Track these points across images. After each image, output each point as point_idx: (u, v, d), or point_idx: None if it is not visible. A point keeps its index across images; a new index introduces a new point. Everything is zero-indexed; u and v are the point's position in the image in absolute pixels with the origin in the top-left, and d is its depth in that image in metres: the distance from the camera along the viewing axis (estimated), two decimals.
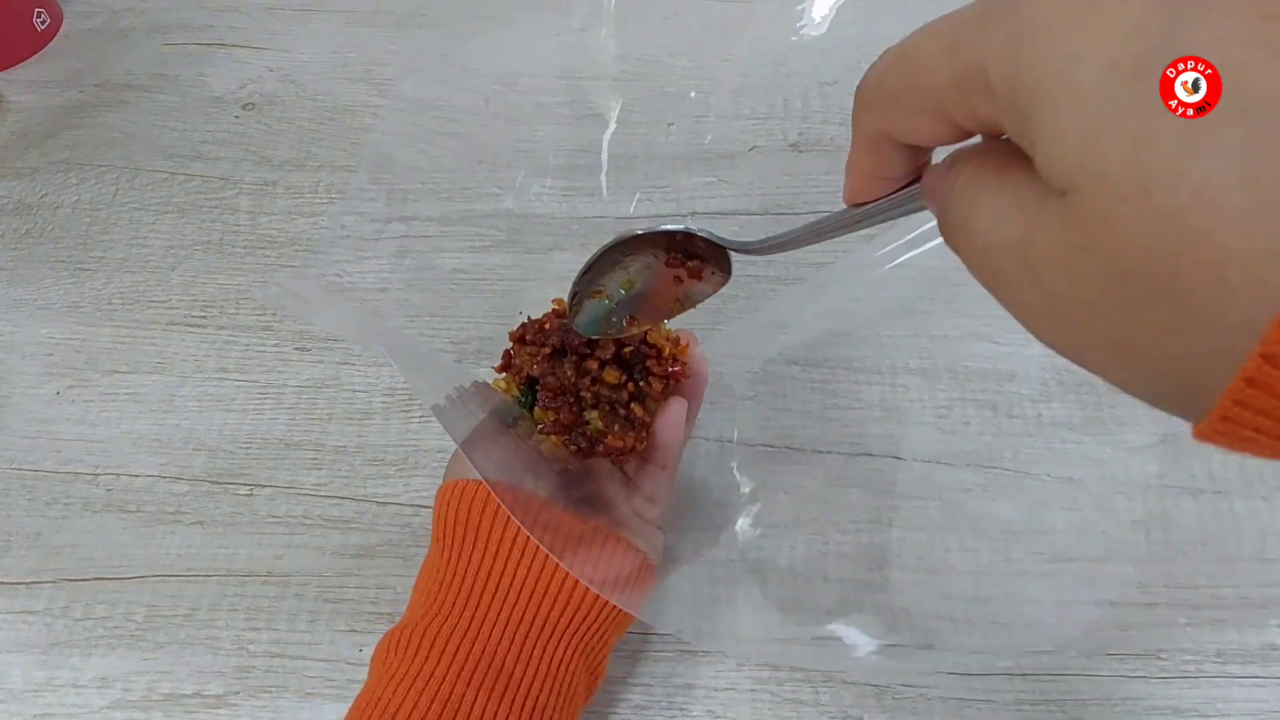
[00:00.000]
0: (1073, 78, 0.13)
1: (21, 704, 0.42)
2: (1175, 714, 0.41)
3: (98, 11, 0.74)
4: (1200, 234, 0.12)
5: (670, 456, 0.39)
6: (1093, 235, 0.13)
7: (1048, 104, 0.14)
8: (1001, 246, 0.15)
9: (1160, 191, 0.12)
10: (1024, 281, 0.15)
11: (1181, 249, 0.12)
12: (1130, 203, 0.12)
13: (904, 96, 0.18)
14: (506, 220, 0.58)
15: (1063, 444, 0.47)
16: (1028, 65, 0.14)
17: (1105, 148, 0.13)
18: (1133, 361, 0.14)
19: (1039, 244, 0.14)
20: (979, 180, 0.17)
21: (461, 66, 0.66)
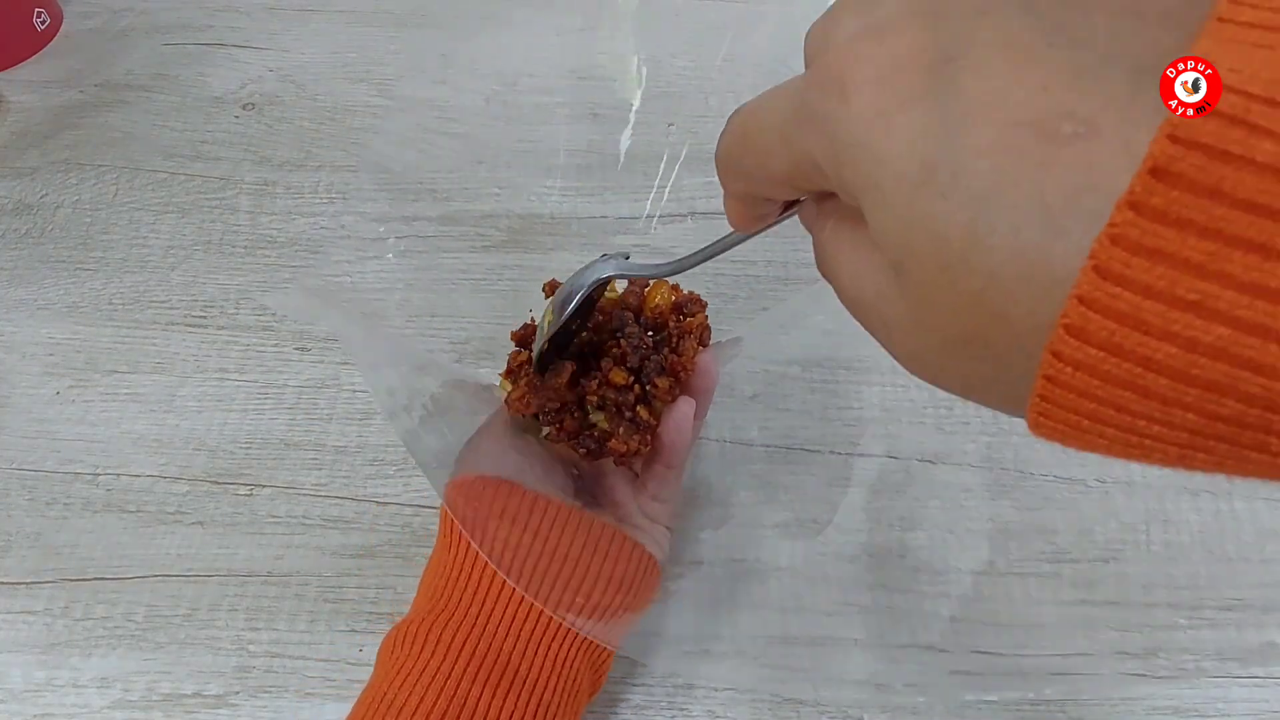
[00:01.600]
0: (878, 182, 0.15)
1: (21, 704, 0.42)
2: (1175, 714, 0.41)
3: (98, 11, 0.74)
4: (998, 312, 0.14)
5: (678, 456, 0.39)
6: (922, 312, 0.16)
7: (866, 200, 0.16)
8: (861, 301, 0.18)
9: (960, 280, 0.14)
10: (884, 336, 0.18)
11: (986, 324, 0.14)
12: (941, 288, 0.15)
13: (754, 172, 0.20)
14: (506, 220, 0.59)
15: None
16: (845, 168, 0.16)
17: (914, 244, 0.15)
18: (978, 395, 0.17)
19: (888, 310, 0.17)
20: (838, 235, 0.19)
21: (461, 66, 0.66)
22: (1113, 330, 0.12)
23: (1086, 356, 0.13)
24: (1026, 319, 0.13)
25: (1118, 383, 0.13)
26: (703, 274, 0.42)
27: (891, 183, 0.15)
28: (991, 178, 0.14)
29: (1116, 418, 0.13)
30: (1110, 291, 0.12)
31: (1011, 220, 0.13)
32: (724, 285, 0.54)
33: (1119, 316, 0.12)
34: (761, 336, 0.52)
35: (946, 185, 0.14)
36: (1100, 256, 0.12)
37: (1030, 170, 0.13)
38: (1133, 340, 0.12)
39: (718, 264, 0.57)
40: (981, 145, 0.14)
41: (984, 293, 0.14)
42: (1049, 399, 0.14)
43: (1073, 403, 0.14)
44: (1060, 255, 0.13)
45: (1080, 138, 0.13)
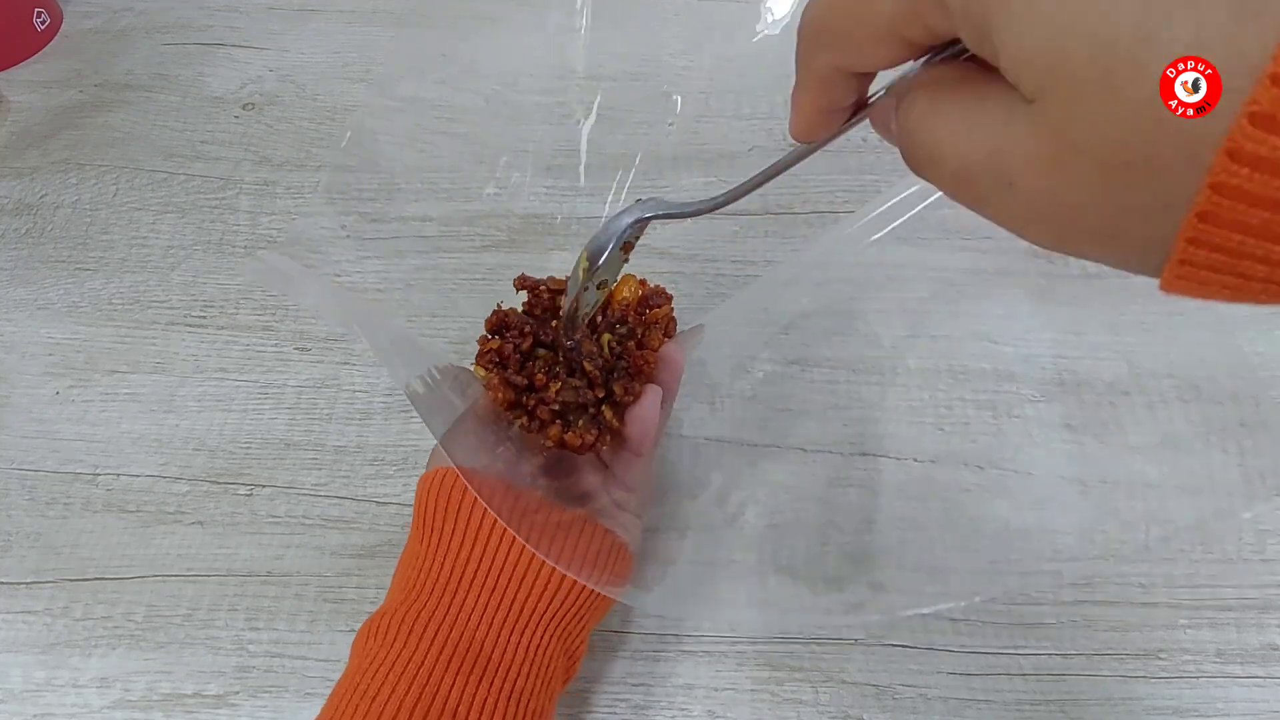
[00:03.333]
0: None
1: (21, 704, 0.42)
2: (1175, 714, 0.41)
3: (98, 11, 0.74)
4: (1169, 120, 0.12)
5: (646, 444, 0.39)
6: (1068, 137, 0.14)
7: (1005, 14, 0.14)
8: (973, 167, 0.16)
9: (1126, 87, 0.13)
10: (1004, 195, 0.16)
11: (1154, 138, 0.13)
12: (1100, 101, 0.13)
13: (853, 26, 0.17)
14: (506, 220, 0.58)
15: (1063, 444, 0.47)
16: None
17: (1069, 51, 0.13)
18: (1119, 243, 0.15)
19: (1014, 155, 0.15)
20: (935, 107, 0.17)
21: (461, 66, 0.66)
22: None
23: (1271, 150, 0.11)
24: (1204, 124, 0.12)
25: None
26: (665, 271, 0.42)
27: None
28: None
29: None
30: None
31: (1196, 11, 0.12)
32: (687, 284, 0.55)
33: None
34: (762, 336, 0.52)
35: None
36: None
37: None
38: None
39: (681, 262, 0.58)
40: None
41: (1156, 99, 0.12)
42: (1210, 217, 0.12)
43: (1241, 216, 0.12)
44: (1253, 41, 0.11)
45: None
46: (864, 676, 0.42)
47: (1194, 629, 0.43)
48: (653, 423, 0.38)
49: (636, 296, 0.41)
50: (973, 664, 0.42)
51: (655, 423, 0.39)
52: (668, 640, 0.43)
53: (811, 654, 0.43)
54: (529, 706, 0.34)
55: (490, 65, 0.66)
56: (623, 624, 0.44)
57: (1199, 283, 0.13)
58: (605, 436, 0.38)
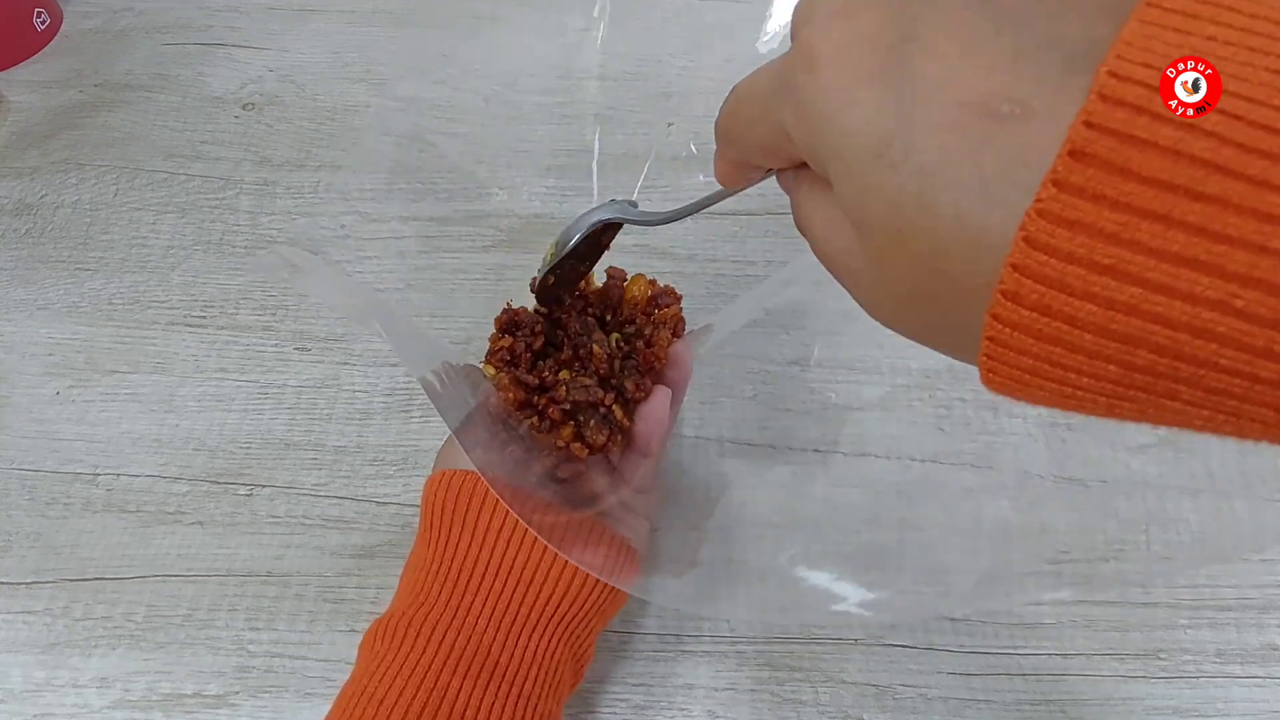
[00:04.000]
0: (840, 151, 0.17)
1: (21, 704, 0.42)
2: (1175, 714, 0.41)
3: (98, 11, 0.74)
4: (943, 273, 0.15)
5: (654, 445, 0.39)
6: (880, 266, 0.17)
7: (830, 168, 0.17)
8: (831, 256, 0.20)
9: (911, 243, 0.16)
10: (850, 284, 0.20)
11: (935, 282, 0.16)
12: (895, 249, 0.16)
13: (742, 140, 0.22)
14: (506, 220, 0.59)
15: (1063, 444, 0.47)
16: (811, 136, 0.18)
17: (871, 209, 0.16)
18: (936, 344, 0.18)
19: (852, 263, 0.19)
20: (812, 197, 0.20)
21: (461, 66, 0.67)
22: (1042, 293, 0.14)
23: (1021, 317, 0.14)
24: (969, 279, 0.15)
25: (1049, 339, 0.14)
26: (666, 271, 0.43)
27: (851, 153, 0.16)
28: (938, 153, 0.15)
29: (1050, 371, 0.15)
30: (1038, 259, 0.14)
31: (954, 192, 0.15)
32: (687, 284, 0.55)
33: (1046, 280, 0.14)
34: (762, 336, 0.52)
35: (899, 158, 0.16)
36: (1029, 228, 0.14)
37: (972, 147, 0.15)
38: (1059, 301, 0.14)
39: (681, 262, 0.58)
40: (930, 122, 0.15)
41: (931, 256, 0.15)
42: (993, 356, 0.15)
43: (1013, 359, 0.15)
44: (997, 224, 0.14)
45: (1016, 118, 0.14)
46: (864, 676, 0.42)
47: (1194, 629, 0.43)
48: (661, 422, 0.38)
49: (646, 296, 0.41)
50: (973, 664, 0.42)
51: (664, 422, 0.38)
52: (668, 640, 0.43)
53: (811, 654, 0.43)
54: (537, 710, 0.34)
55: (490, 65, 0.66)
56: (623, 624, 0.44)
57: (1004, 391, 0.16)
58: (616, 437, 0.37)
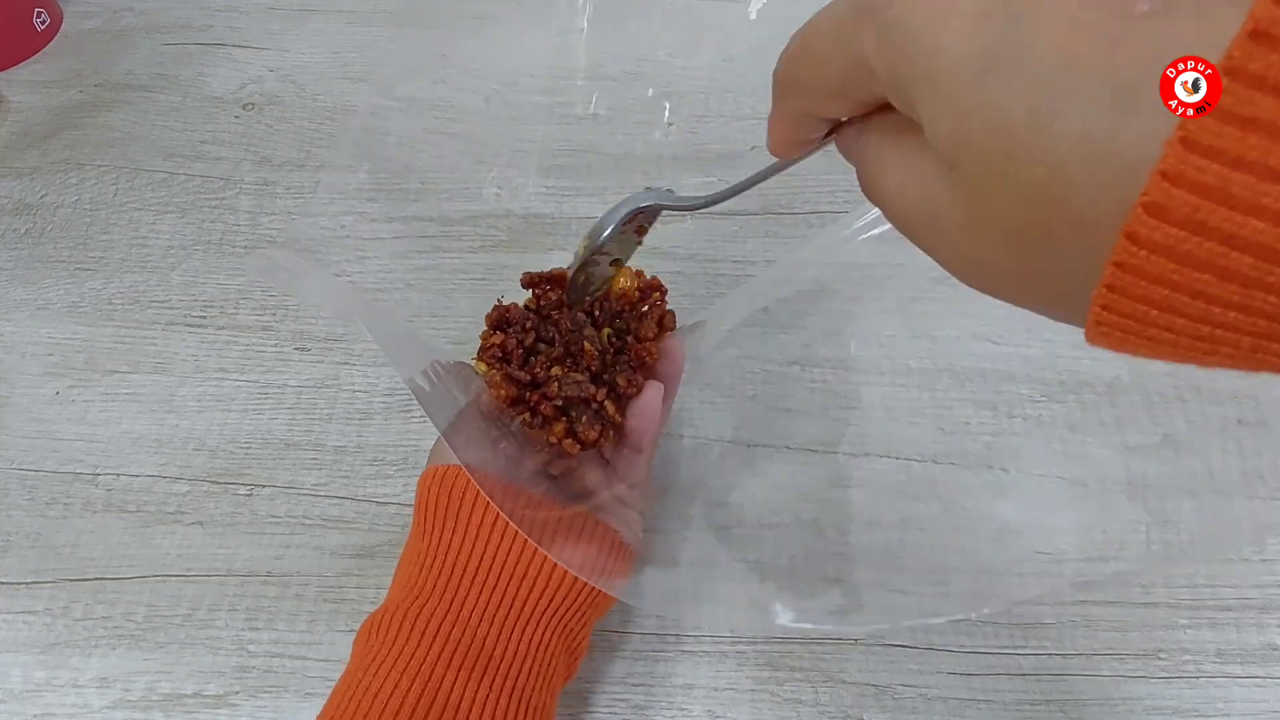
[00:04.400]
0: (934, 73, 0.15)
1: (21, 704, 0.42)
2: (1175, 714, 0.41)
3: (98, 11, 0.74)
4: (1061, 202, 0.13)
5: (647, 440, 0.39)
6: (977, 205, 0.15)
7: (920, 95, 0.15)
8: (910, 211, 0.18)
9: (1021, 171, 0.14)
10: (933, 239, 0.17)
11: (1048, 216, 0.14)
12: (1000, 180, 0.14)
13: (810, 83, 0.20)
14: (506, 220, 0.59)
15: (1063, 444, 0.47)
16: (899, 60, 0.16)
17: (972, 135, 0.14)
18: (1035, 296, 0.16)
19: (938, 210, 0.16)
20: (882, 150, 0.19)
21: (461, 66, 0.66)
22: (1196, 206, 0.12)
23: (1165, 237, 0.12)
24: (1092, 206, 0.13)
25: (1197, 264, 0.12)
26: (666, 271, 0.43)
27: (948, 71, 0.15)
28: (1058, 59, 0.13)
29: (1190, 305, 0.13)
30: (1197, 164, 0.12)
31: (1080, 101, 0.13)
32: (687, 284, 0.55)
33: (1205, 190, 0.12)
34: (761, 336, 0.52)
35: (1009, 69, 0.14)
36: (1190, 127, 0.12)
37: (1102, 49, 0.13)
38: (1218, 216, 0.12)
39: (681, 262, 0.58)
40: (1048, 25, 0.13)
41: (1047, 182, 0.13)
42: (1117, 289, 0.13)
43: (1144, 291, 0.13)
44: (1133, 136, 0.12)
45: (1157, 14, 0.12)
46: (864, 676, 0.42)
47: (1194, 629, 0.43)
48: (654, 417, 0.39)
49: (634, 287, 0.41)
50: (973, 664, 0.42)
51: (656, 417, 0.39)
52: (668, 640, 0.43)
53: (811, 654, 0.43)
54: (531, 703, 0.34)
55: (490, 65, 0.66)
56: (623, 624, 0.44)
57: (1115, 341, 0.15)
58: (608, 433, 0.38)
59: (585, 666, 0.42)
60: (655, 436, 0.40)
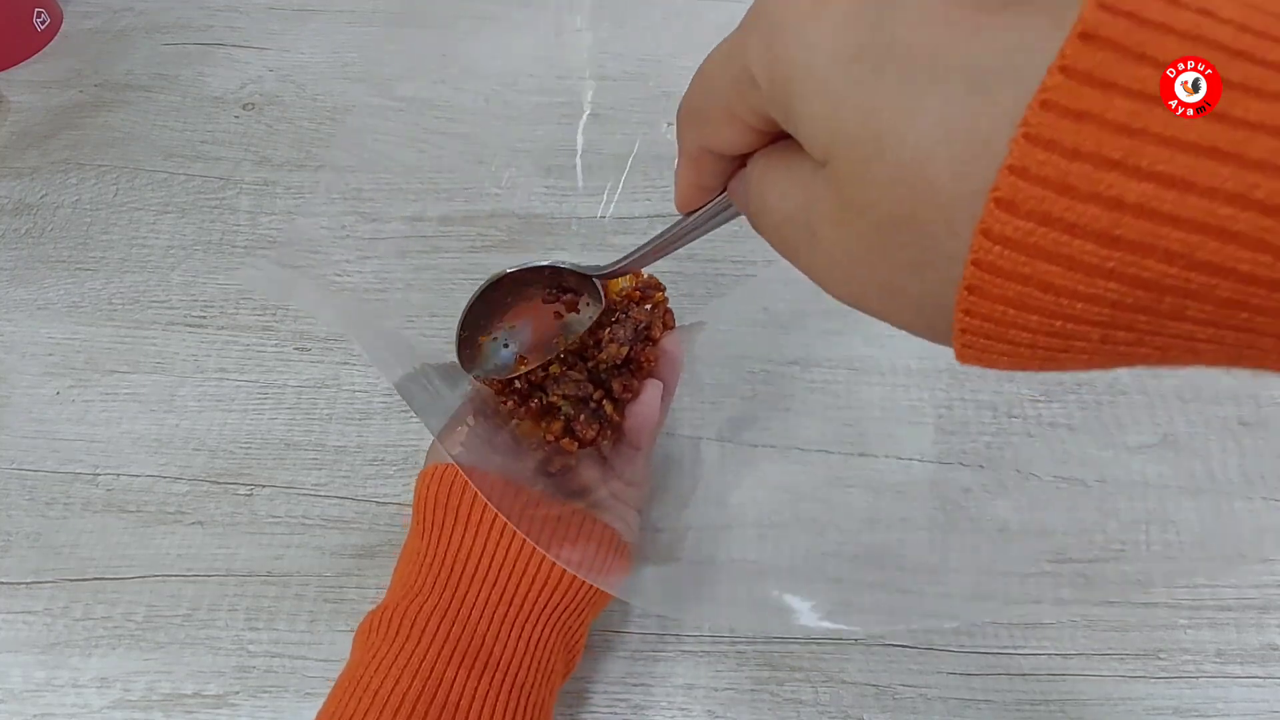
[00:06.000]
0: (810, 66, 0.15)
1: (21, 704, 0.42)
2: (1175, 714, 0.41)
3: (98, 11, 0.74)
4: (927, 184, 0.14)
5: (645, 438, 0.39)
6: (849, 195, 0.15)
7: (797, 90, 0.16)
8: (789, 218, 0.18)
9: (889, 153, 0.14)
10: (809, 245, 0.18)
11: (916, 198, 0.14)
12: (871, 164, 0.15)
13: (703, 108, 0.20)
14: (506, 220, 0.59)
15: (1063, 444, 0.47)
16: (777, 60, 0.16)
17: (844, 123, 0.15)
18: (898, 300, 0.16)
19: (815, 210, 0.17)
20: (767, 170, 0.19)
21: (461, 66, 0.66)
22: (1041, 198, 0.12)
23: (1015, 230, 0.13)
24: (953, 187, 0.14)
25: (1045, 255, 0.13)
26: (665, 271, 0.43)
27: (823, 63, 0.15)
28: (923, 48, 0.14)
29: (1041, 299, 0.13)
30: (1039, 158, 0.12)
31: (941, 88, 0.14)
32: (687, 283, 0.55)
33: (1046, 182, 0.12)
34: (761, 336, 0.52)
35: (879, 59, 0.14)
36: (1031, 121, 0.12)
37: (962, 38, 0.14)
38: (1060, 206, 0.12)
39: (681, 262, 0.58)
40: (914, 19, 0.14)
41: (912, 165, 0.14)
42: (977, 290, 0.14)
43: (999, 289, 0.14)
44: (989, 120, 0.13)
45: (1012, 6, 0.13)
46: (864, 676, 0.42)
47: (1194, 629, 0.43)
48: (653, 417, 0.39)
49: (634, 286, 0.41)
50: (973, 664, 0.42)
51: (655, 416, 0.39)
52: (668, 640, 0.43)
53: (811, 654, 0.43)
54: (530, 699, 0.34)
55: (490, 65, 0.66)
56: (622, 623, 0.44)
57: (981, 351, 0.15)
58: (606, 431, 0.38)
59: (585, 665, 0.42)
60: (654, 435, 0.40)
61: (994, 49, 0.13)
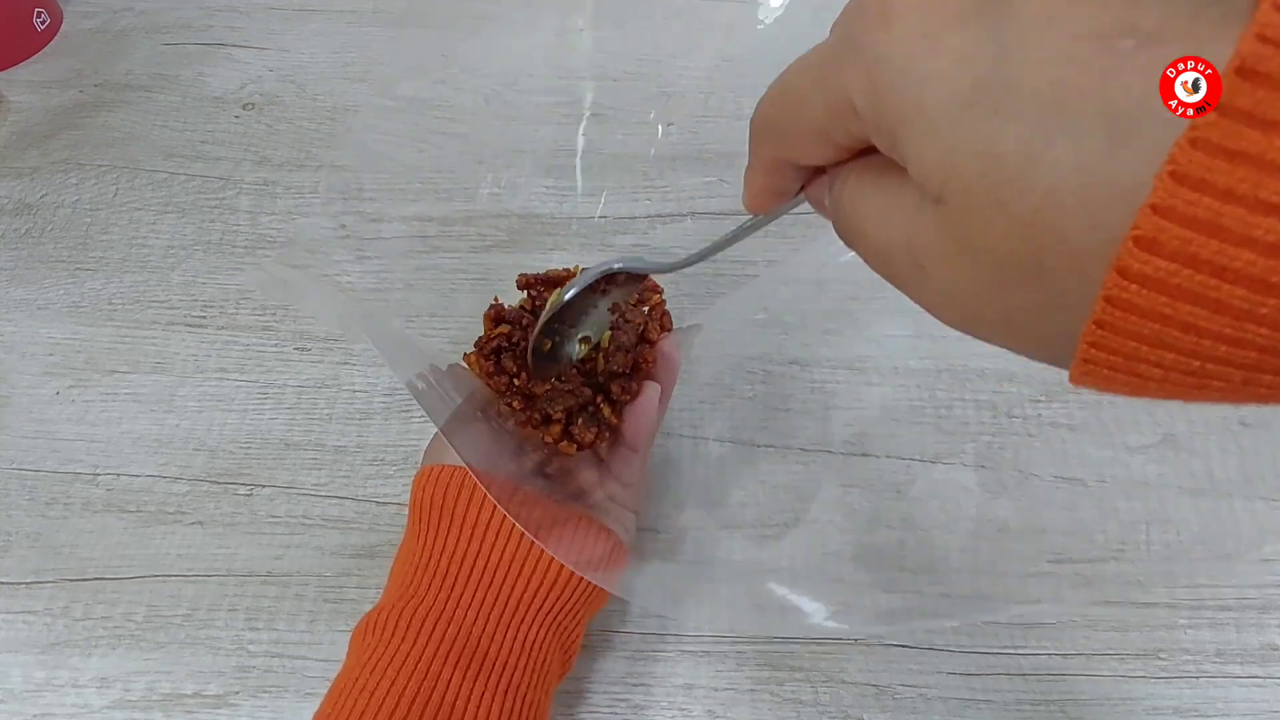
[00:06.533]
0: (922, 106, 0.15)
1: (21, 704, 0.42)
2: (1175, 714, 0.41)
3: (98, 11, 0.74)
4: (1056, 234, 0.13)
5: (642, 440, 0.39)
6: (966, 239, 0.15)
7: (906, 130, 0.15)
8: (891, 248, 0.17)
9: (1013, 201, 0.14)
10: (917, 277, 0.17)
11: (1040, 247, 0.14)
12: (991, 211, 0.14)
13: (789, 127, 0.20)
14: (506, 220, 0.59)
15: (1063, 444, 0.47)
16: (885, 95, 0.16)
17: (961, 167, 0.14)
18: (1021, 335, 0.16)
19: (923, 245, 0.16)
20: (861, 189, 0.18)
21: (461, 66, 0.66)
22: (1188, 240, 0.12)
23: (1155, 270, 0.12)
24: (1086, 237, 0.13)
25: (1189, 297, 0.12)
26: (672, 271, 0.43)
27: (937, 104, 0.15)
28: (1050, 90, 0.13)
29: (1181, 340, 0.13)
30: (1187, 198, 0.12)
31: (1073, 132, 0.13)
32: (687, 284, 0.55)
33: (1196, 224, 0.12)
34: (761, 336, 0.52)
35: (999, 101, 0.14)
36: (1179, 161, 0.12)
37: (1094, 80, 0.13)
38: (1210, 249, 0.12)
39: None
40: (1039, 58, 0.13)
41: (1040, 213, 0.13)
42: (1107, 325, 0.13)
43: (1134, 326, 0.13)
44: (1126, 166, 0.12)
45: (1147, 47, 0.12)
46: (864, 676, 0.42)
47: (1194, 629, 0.43)
48: (650, 420, 0.39)
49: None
50: (973, 664, 0.42)
51: (653, 418, 0.39)
52: (668, 640, 0.43)
53: (811, 654, 0.43)
54: (526, 700, 0.34)
55: (490, 65, 0.66)
56: (622, 623, 0.44)
57: (1102, 380, 0.14)
58: (604, 434, 0.38)
59: (585, 665, 0.42)
60: (651, 437, 0.40)
61: (1130, 89, 0.12)
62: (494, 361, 0.38)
